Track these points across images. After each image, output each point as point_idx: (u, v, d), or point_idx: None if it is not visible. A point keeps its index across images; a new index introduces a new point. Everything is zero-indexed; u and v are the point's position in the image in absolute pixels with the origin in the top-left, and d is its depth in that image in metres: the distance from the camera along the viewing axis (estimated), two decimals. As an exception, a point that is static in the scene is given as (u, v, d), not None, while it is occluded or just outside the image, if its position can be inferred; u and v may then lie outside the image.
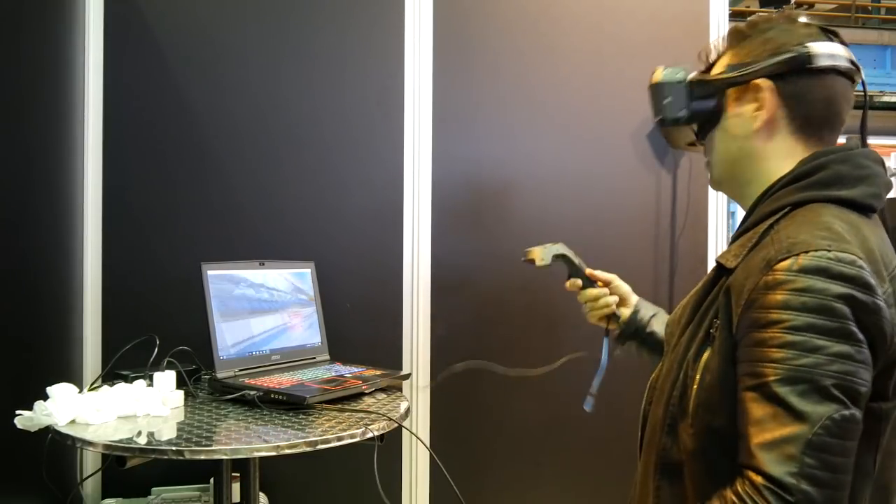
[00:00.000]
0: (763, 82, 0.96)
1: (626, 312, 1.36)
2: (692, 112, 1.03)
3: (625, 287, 1.38)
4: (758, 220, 0.95)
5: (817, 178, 0.93)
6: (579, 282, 1.37)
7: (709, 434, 0.90)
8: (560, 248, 1.37)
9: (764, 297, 0.84)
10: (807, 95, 0.96)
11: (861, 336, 0.81)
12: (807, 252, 0.83)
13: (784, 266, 0.83)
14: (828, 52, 0.95)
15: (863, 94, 1.00)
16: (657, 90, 1.05)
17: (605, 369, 1.32)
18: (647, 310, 1.36)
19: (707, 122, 1.04)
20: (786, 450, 0.78)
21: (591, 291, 1.37)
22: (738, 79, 0.99)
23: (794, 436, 0.78)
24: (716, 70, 1.03)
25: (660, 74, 1.05)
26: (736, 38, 1.02)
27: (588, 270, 1.37)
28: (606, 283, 1.38)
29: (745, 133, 0.99)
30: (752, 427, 0.82)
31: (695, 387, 0.91)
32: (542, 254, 1.37)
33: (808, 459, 0.78)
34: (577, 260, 1.37)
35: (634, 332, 1.34)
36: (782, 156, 0.98)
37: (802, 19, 1.00)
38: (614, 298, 1.36)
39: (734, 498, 0.81)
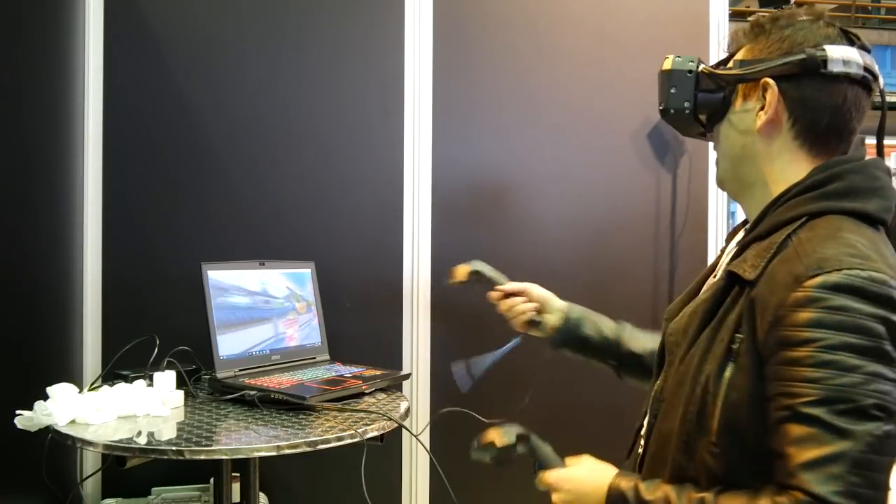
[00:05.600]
0: (769, 82, 0.94)
1: (552, 319, 1.38)
2: (697, 104, 1.01)
3: (541, 292, 1.41)
4: (772, 229, 0.92)
5: (833, 189, 0.90)
6: (498, 294, 1.42)
7: (736, 453, 0.87)
8: (474, 265, 1.44)
9: (794, 314, 0.81)
10: (812, 101, 0.93)
11: (895, 355, 0.80)
12: (839, 270, 0.81)
13: (816, 283, 0.81)
14: (842, 57, 0.92)
15: (880, 101, 0.96)
16: (665, 78, 1.02)
17: (492, 364, 1.37)
18: (577, 314, 1.38)
19: (714, 114, 1.01)
20: (830, 469, 0.77)
21: (506, 302, 1.42)
22: (744, 76, 0.96)
23: (837, 454, 0.77)
24: (732, 62, 1.00)
25: (670, 62, 1.02)
26: (754, 31, 0.99)
27: (500, 286, 1.42)
28: (523, 292, 1.41)
29: (748, 132, 0.97)
30: (791, 447, 0.80)
31: (719, 404, 0.88)
32: (461, 271, 1.45)
33: (853, 478, 0.77)
34: (492, 274, 1.43)
35: (567, 340, 1.37)
36: (786, 160, 0.95)
37: (824, 20, 0.96)
38: (531, 305, 1.39)
39: None
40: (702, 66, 1.01)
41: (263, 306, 1.75)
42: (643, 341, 1.34)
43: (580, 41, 2.24)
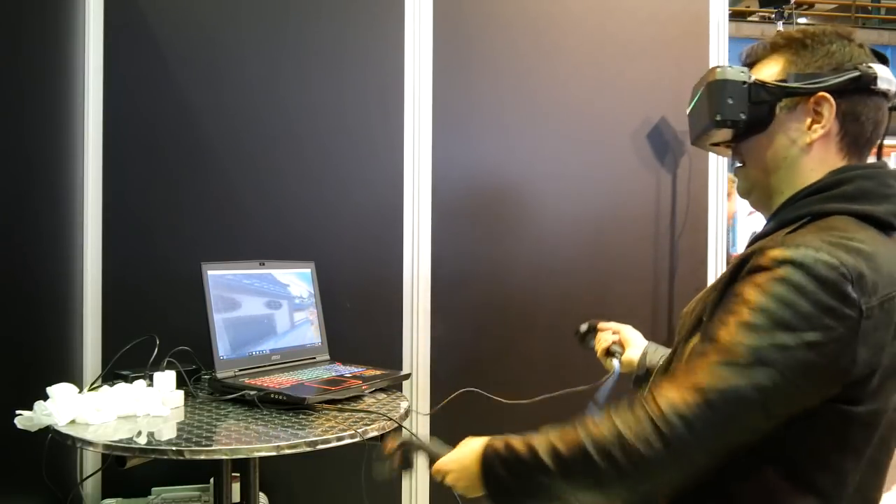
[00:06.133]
0: (827, 97, 0.96)
1: (632, 352, 1.40)
2: (749, 115, 0.99)
3: (630, 332, 1.45)
4: (777, 227, 0.96)
5: (841, 192, 0.94)
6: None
7: None
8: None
9: (747, 277, 0.88)
10: (862, 116, 0.97)
11: (817, 338, 0.82)
12: (797, 247, 0.85)
13: (773, 255, 0.86)
14: (886, 75, 0.97)
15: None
16: (720, 88, 0.99)
17: (612, 388, 1.33)
18: (657, 352, 1.39)
19: (754, 127, 1.01)
20: (687, 397, 0.84)
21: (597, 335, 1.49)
22: (801, 89, 0.97)
23: (701, 389, 0.84)
24: (761, 76, 1.00)
25: (724, 72, 0.99)
26: (793, 46, 1.00)
27: (600, 324, 1.50)
28: (616, 331, 1.47)
29: (796, 145, 0.98)
30: (682, 366, 0.91)
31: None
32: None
33: (698, 412, 0.83)
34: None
35: (645, 374, 1.36)
36: (823, 170, 0.98)
37: (855, 39, 1.00)
38: (613, 337, 1.44)
39: (635, 413, 0.87)
40: (753, 77, 0.99)
41: (263, 306, 1.75)
42: None
43: (580, 41, 2.25)
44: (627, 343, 1.42)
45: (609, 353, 1.43)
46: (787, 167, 0.99)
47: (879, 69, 0.96)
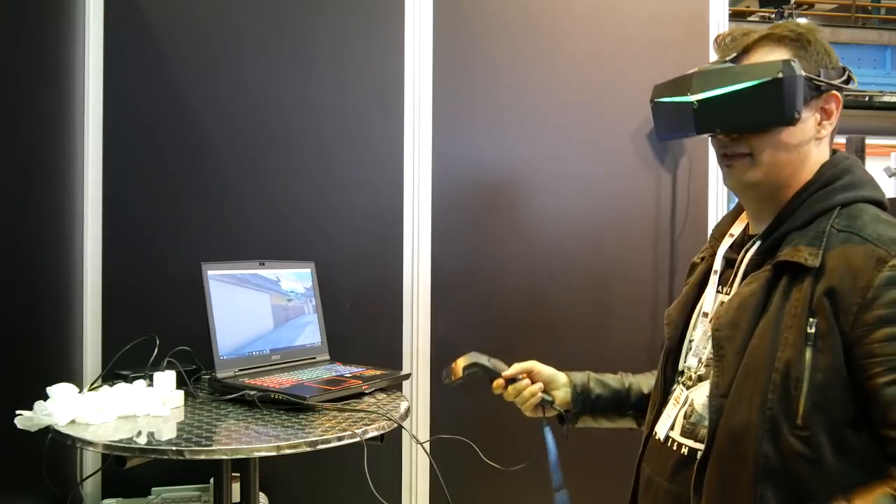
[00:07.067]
0: (838, 94, 1.00)
1: (560, 395, 1.31)
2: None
3: (546, 370, 1.32)
4: (811, 219, 0.98)
5: (848, 182, 0.99)
6: (501, 381, 1.31)
7: (823, 433, 0.90)
8: (471, 358, 1.33)
9: (888, 292, 0.88)
10: (840, 110, 1.03)
11: None
12: None
13: None
14: None
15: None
16: (796, 84, 0.96)
17: (558, 459, 1.26)
18: (580, 378, 1.32)
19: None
20: None
21: (512, 388, 1.31)
22: (826, 85, 0.99)
23: None
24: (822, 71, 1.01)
25: (798, 66, 0.97)
26: (801, 40, 1.01)
27: (505, 372, 1.31)
28: (527, 373, 1.32)
29: (810, 139, 1.01)
30: None
31: (804, 388, 0.90)
32: (459, 367, 1.33)
33: None
34: (489, 363, 1.32)
35: (583, 407, 1.30)
36: (819, 164, 1.02)
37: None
38: (538, 385, 1.30)
39: None
40: (802, 72, 0.98)
41: (263, 306, 1.75)
42: (650, 380, 1.29)
43: (580, 41, 2.25)
44: (551, 383, 1.31)
45: (542, 405, 1.29)
46: (800, 161, 1.01)
47: None
